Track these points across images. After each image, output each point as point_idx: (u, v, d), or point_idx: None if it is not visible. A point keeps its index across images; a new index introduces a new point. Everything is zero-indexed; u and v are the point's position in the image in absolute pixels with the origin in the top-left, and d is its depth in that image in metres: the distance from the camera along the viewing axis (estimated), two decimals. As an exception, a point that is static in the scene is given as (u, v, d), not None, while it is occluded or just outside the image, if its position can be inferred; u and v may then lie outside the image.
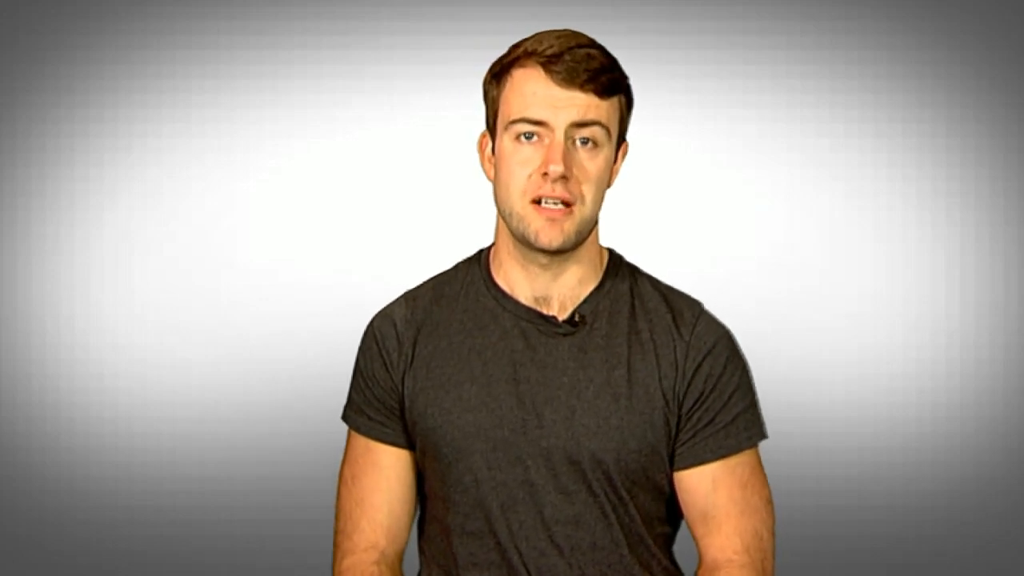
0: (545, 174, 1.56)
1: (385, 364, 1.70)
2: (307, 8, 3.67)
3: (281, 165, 3.71)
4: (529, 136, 1.58)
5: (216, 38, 3.66)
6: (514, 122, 1.59)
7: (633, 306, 1.68)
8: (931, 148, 3.67)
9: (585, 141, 1.59)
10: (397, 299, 1.75)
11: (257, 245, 3.71)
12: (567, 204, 1.58)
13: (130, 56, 3.65)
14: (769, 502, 1.67)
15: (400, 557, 1.72)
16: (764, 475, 1.68)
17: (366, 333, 1.74)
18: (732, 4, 3.64)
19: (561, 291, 1.66)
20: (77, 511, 3.43)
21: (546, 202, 1.58)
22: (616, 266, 1.70)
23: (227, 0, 3.66)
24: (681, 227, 3.64)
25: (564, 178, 1.56)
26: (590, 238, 1.66)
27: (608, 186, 1.65)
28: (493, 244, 1.71)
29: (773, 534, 1.68)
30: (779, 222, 3.70)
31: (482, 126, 1.69)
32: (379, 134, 3.68)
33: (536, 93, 1.57)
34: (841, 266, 3.69)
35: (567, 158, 1.56)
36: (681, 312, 1.68)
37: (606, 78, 1.58)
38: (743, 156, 3.69)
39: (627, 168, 1.69)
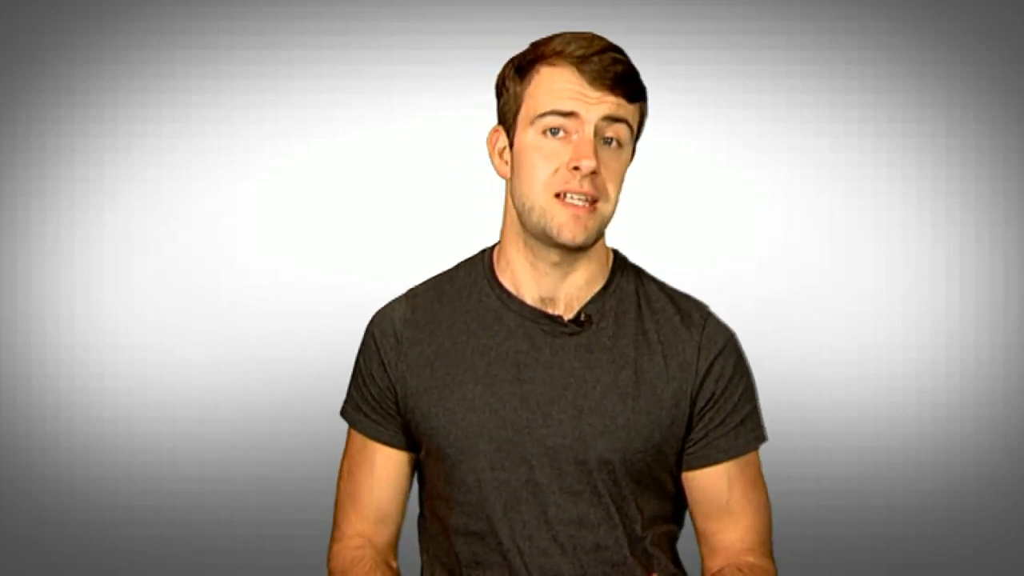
0: (576, 168, 1.56)
1: (383, 363, 1.70)
2: (307, 8, 3.66)
3: (281, 165, 3.71)
4: (555, 131, 1.58)
5: (216, 38, 3.66)
6: (543, 115, 1.58)
7: (639, 306, 1.68)
8: (931, 148, 3.67)
9: (609, 141, 1.59)
10: (398, 298, 1.75)
11: (257, 245, 3.71)
12: (593, 200, 1.57)
13: (130, 56, 3.64)
14: (769, 502, 1.70)
15: (390, 546, 1.75)
16: (763, 476, 1.71)
17: (365, 331, 1.74)
18: (732, 4, 3.64)
19: (568, 291, 1.66)
20: (77, 511, 3.43)
21: (571, 197, 1.57)
22: (621, 266, 1.71)
23: (227, 0, 3.66)
24: (681, 227, 3.64)
25: (593, 173, 1.57)
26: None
27: (616, 187, 1.65)
28: (498, 243, 1.71)
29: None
30: (779, 222, 3.70)
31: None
32: (379, 134, 3.68)
33: (567, 88, 1.57)
34: (841, 266, 3.69)
35: (595, 155, 1.56)
36: (689, 313, 1.68)
37: (634, 83, 1.59)
38: (743, 156, 3.69)
39: (627, 171, 1.69)
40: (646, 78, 1.63)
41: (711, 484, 1.66)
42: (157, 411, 3.61)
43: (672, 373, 1.64)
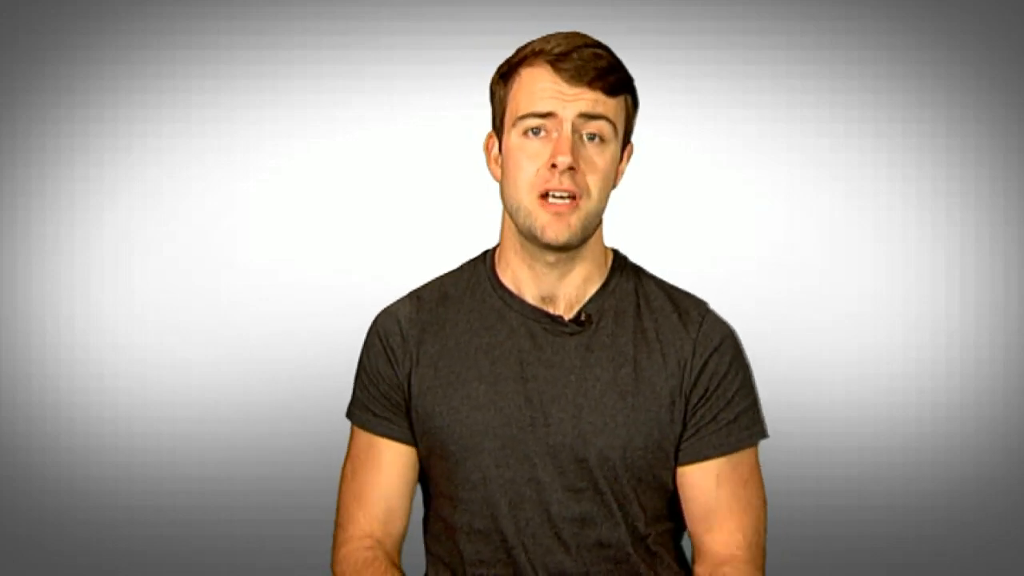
0: (553, 166, 1.57)
1: (390, 360, 1.71)
2: (307, 8, 3.66)
3: (281, 165, 3.71)
4: (536, 131, 1.59)
5: (216, 38, 3.66)
6: (522, 117, 1.60)
7: (638, 305, 1.69)
8: (931, 148, 3.67)
9: (592, 137, 1.60)
10: (402, 298, 1.76)
11: (257, 245, 3.71)
12: (573, 197, 1.58)
13: (130, 56, 3.64)
14: (765, 502, 1.70)
15: (396, 548, 1.74)
16: (761, 475, 1.70)
17: (370, 331, 1.75)
18: (732, 4, 3.64)
19: (567, 290, 1.67)
20: (77, 511, 3.43)
21: (552, 196, 1.58)
22: (621, 266, 1.72)
23: (227, 0, 3.66)
24: (681, 227, 3.64)
25: (571, 169, 1.57)
26: (595, 236, 1.67)
27: (613, 186, 1.66)
28: (498, 244, 1.72)
29: (766, 533, 1.70)
30: (779, 222, 3.70)
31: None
32: (379, 134, 3.68)
33: (544, 89, 1.59)
34: (841, 266, 3.69)
35: (574, 151, 1.57)
36: (687, 310, 1.69)
37: (613, 77, 1.60)
38: (743, 156, 3.69)
39: (628, 167, 1.70)
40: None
41: (700, 481, 1.66)
42: (157, 411, 3.61)
43: (670, 370, 1.65)
